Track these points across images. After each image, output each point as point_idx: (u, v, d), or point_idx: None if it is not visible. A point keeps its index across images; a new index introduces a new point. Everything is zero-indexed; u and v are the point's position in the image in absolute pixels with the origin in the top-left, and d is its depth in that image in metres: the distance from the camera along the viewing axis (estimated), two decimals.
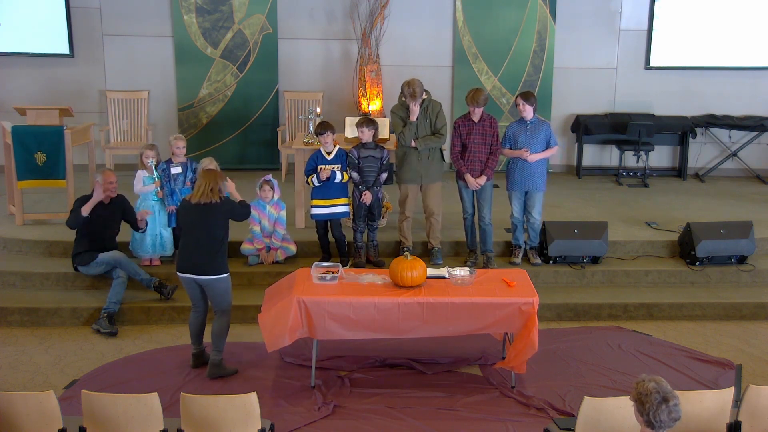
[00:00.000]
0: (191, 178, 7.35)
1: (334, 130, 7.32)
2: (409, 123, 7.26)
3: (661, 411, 3.51)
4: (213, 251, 5.82)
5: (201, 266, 5.83)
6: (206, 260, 5.82)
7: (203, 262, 5.82)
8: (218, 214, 5.84)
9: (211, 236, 5.81)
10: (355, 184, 7.28)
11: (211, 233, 5.81)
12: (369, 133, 7.24)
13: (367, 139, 7.24)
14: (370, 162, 7.25)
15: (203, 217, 5.80)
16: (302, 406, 5.58)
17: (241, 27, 9.80)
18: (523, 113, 7.31)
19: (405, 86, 7.16)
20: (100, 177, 6.80)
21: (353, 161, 7.24)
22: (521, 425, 5.39)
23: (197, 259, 5.83)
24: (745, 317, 7.18)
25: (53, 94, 9.71)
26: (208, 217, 5.81)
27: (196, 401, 4.32)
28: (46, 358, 6.29)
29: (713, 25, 10.05)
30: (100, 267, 6.86)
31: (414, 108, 7.18)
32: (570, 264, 7.57)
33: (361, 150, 7.24)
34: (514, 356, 5.75)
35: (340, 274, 6.01)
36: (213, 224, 5.82)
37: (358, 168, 7.24)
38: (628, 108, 10.21)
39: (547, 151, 7.39)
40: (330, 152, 7.28)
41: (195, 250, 5.82)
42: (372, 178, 7.28)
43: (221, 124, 10.00)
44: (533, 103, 7.30)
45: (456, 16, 9.91)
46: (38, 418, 4.27)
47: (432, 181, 7.39)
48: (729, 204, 9.16)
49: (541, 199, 7.49)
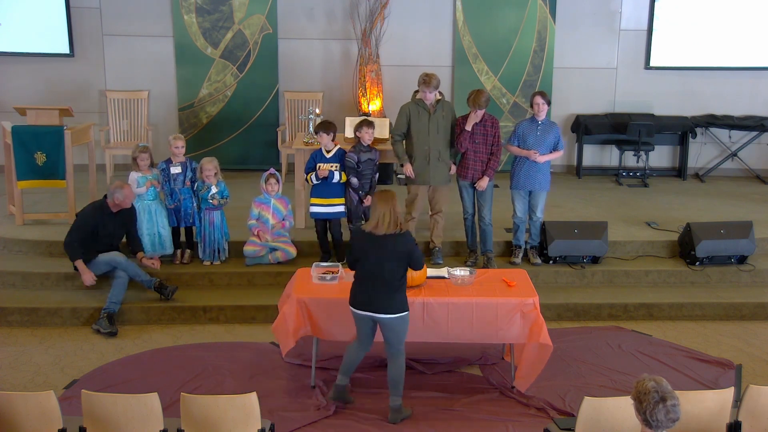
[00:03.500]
0: (191, 177, 7.36)
1: (335, 130, 7.31)
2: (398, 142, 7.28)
3: (657, 410, 3.50)
4: (395, 287, 5.27)
5: (379, 305, 5.26)
6: (388, 296, 5.26)
7: (382, 299, 5.26)
8: (403, 246, 5.26)
9: (393, 271, 5.24)
10: (354, 189, 7.27)
11: (391, 269, 5.23)
12: (371, 132, 7.23)
13: (369, 140, 7.22)
14: (369, 165, 7.26)
15: (386, 249, 5.22)
16: (302, 406, 5.58)
17: (241, 27, 9.80)
18: (539, 113, 7.31)
19: (422, 75, 7.14)
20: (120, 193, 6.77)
21: (353, 165, 7.22)
22: (521, 425, 5.39)
23: (376, 297, 5.26)
24: (745, 317, 7.18)
25: (53, 94, 9.71)
26: (393, 248, 5.23)
27: (196, 401, 4.32)
28: (46, 358, 6.29)
29: (713, 25, 10.06)
30: (99, 268, 6.85)
31: (428, 96, 7.12)
32: (570, 264, 7.57)
33: (361, 154, 7.23)
34: (521, 371, 5.72)
35: (340, 274, 6.01)
36: (396, 258, 5.25)
37: (358, 172, 7.24)
38: (628, 108, 10.21)
39: (554, 153, 7.39)
40: (330, 151, 7.28)
41: (375, 285, 5.26)
42: (369, 181, 7.29)
43: (221, 124, 10.00)
44: (550, 104, 7.35)
45: (456, 16, 9.91)
46: (38, 418, 4.27)
47: (442, 183, 7.39)
48: (729, 204, 9.16)
49: (544, 198, 7.50)
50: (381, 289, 5.25)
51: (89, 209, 6.94)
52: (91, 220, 6.79)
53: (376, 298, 5.26)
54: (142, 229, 7.21)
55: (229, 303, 6.99)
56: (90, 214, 6.85)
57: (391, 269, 5.23)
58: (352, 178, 7.23)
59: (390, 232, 5.20)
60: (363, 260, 5.29)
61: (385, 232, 5.20)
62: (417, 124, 7.24)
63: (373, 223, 5.24)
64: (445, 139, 7.27)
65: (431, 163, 7.28)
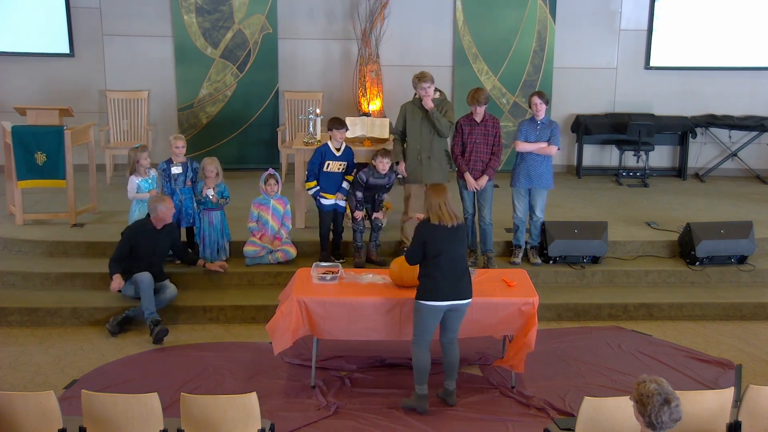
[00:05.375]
0: (191, 177, 7.35)
1: (347, 127, 7.32)
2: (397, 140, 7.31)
3: (662, 412, 3.51)
4: (468, 273, 5.55)
5: (464, 290, 5.45)
6: (467, 283, 5.49)
7: (465, 285, 5.47)
8: (465, 232, 5.60)
9: (464, 258, 5.54)
10: (357, 201, 7.27)
11: (463, 255, 5.52)
12: (387, 165, 7.18)
13: (384, 170, 7.19)
14: (379, 189, 7.31)
15: (458, 237, 5.43)
16: (302, 406, 5.58)
17: (241, 27, 9.80)
18: (539, 113, 7.32)
19: (413, 75, 7.15)
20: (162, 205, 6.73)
21: (359, 183, 7.23)
22: (521, 425, 5.39)
23: (461, 284, 5.43)
24: (745, 317, 7.18)
25: (53, 94, 9.70)
26: (462, 236, 5.49)
27: (196, 401, 4.32)
28: (46, 358, 6.28)
29: (713, 25, 10.05)
30: (128, 289, 6.72)
31: (426, 92, 7.10)
32: (570, 264, 7.57)
33: (371, 178, 7.22)
34: (512, 355, 5.76)
35: (340, 274, 6.01)
36: (464, 244, 5.56)
37: (363, 188, 7.25)
38: (628, 108, 10.20)
39: (545, 146, 7.34)
40: (339, 149, 7.28)
41: (458, 273, 5.42)
42: (377, 199, 7.35)
43: (221, 124, 9.99)
44: (548, 103, 7.37)
45: (456, 16, 9.91)
46: (38, 418, 4.27)
47: (437, 182, 7.37)
48: (729, 204, 9.16)
49: (544, 198, 7.50)
50: (463, 276, 5.45)
51: (132, 228, 6.87)
52: (128, 241, 6.73)
53: (462, 284, 5.43)
54: None
55: (229, 303, 6.99)
56: (130, 234, 6.78)
57: (463, 255, 5.50)
58: (357, 192, 7.25)
59: (456, 222, 5.40)
60: (444, 252, 5.37)
61: (451, 223, 5.37)
62: (411, 123, 7.26)
63: (437, 216, 5.36)
64: (438, 138, 7.25)
65: (423, 162, 7.28)
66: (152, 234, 6.75)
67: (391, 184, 7.36)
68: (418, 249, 5.41)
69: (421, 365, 5.47)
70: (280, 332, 5.70)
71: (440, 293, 5.37)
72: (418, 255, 5.42)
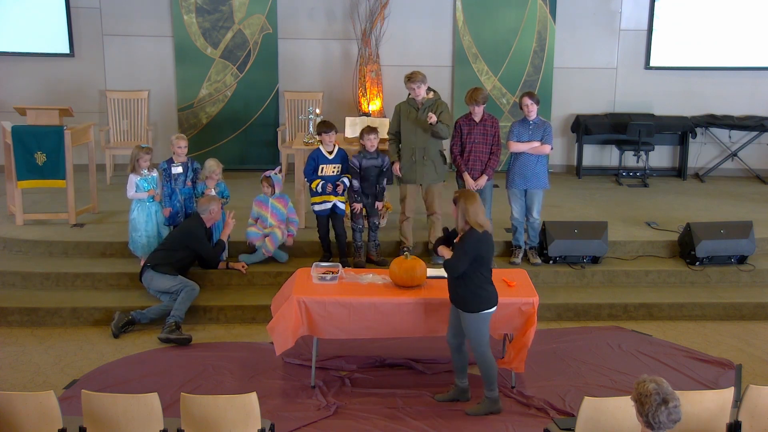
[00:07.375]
0: (192, 177, 7.35)
1: (336, 129, 7.32)
2: (392, 141, 7.30)
3: (660, 412, 3.51)
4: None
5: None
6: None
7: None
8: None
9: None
10: (356, 192, 7.27)
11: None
12: (375, 141, 7.21)
13: (372, 147, 7.20)
14: (372, 171, 7.26)
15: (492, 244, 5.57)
16: (302, 406, 5.58)
17: (241, 27, 9.80)
18: (530, 114, 7.31)
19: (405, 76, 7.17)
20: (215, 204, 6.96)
21: (355, 170, 7.22)
22: (521, 425, 5.39)
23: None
24: (745, 317, 7.18)
25: (53, 94, 9.71)
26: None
27: (196, 401, 4.32)
28: (46, 358, 6.28)
29: (713, 25, 10.05)
30: (168, 282, 6.74)
31: (417, 92, 7.10)
32: (570, 264, 7.57)
33: (363, 160, 7.22)
34: (513, 355, 5.76)
35: (340, 274, 6.01)
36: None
37: (360, 176, 7.23)
38: (628, 108, 10.21)
39: (538, 145, 7.32)
40: (331, 152, 7.27)
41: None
42: (373, 186, 7.28)
43: (221, 124, 10.00)
44: (538, 104, 7.35)
45: (456, 16, 9.91)
46: (38, 418, 4.27)
47: (432, 182, 7.37)
48: (729, 204, 9.16)
49: (540, 198, 7.49)
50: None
51: (199, 225, 6.94)
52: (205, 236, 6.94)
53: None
54: (141, 230, 7.20)
55: (229, 303, 6.99)
56: (201, 226, 6.93)
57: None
58: (354, 181, 7.23)
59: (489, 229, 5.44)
60: (489, 260, 5.46)
61: (486, 229, 5.40)
62: (405, 122, 7.26)
63: (479, 225, 5.34)
64: (432, 138, 7.24)
65: (417, 162, 7.27)
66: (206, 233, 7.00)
67: (386, 166, 7.29)
68: (467, 261, 5.32)
69: (494, 368, 5.48)
70: (281, 332, 5.71)
71: (494, 298, 5.47)
72: (464, 267, 5.33)
